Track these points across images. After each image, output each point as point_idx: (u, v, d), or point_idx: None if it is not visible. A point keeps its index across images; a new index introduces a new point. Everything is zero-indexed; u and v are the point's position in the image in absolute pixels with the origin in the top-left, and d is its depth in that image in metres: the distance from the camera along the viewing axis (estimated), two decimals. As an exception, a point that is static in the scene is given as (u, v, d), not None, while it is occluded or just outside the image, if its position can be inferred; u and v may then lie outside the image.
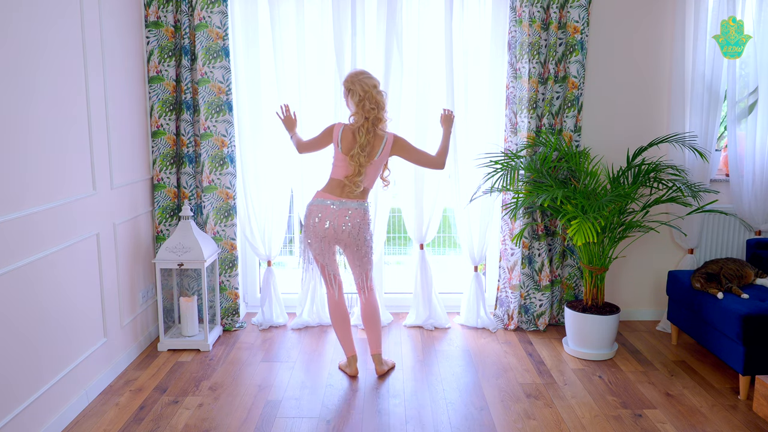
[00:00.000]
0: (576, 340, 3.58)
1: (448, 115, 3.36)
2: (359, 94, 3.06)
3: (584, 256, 3.58)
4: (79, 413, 2.89)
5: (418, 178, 3.90)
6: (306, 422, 2.84)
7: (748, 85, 3.88)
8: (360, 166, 3.08)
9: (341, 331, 3.31)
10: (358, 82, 3.08)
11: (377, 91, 3.09)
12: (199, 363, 3.47)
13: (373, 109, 3.07)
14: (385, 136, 3.13)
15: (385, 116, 3.14)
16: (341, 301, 3.30)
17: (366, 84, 3.07)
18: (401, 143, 3.19)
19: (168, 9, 3.63)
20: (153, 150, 3.76)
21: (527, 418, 2.88)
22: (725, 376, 3.35)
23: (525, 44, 3.68)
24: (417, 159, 3.24)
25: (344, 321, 3.31)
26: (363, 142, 3.07)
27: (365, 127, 3.08)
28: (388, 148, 3.14)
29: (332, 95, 3.81)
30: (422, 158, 3.24)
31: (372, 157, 3.11)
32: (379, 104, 3.08)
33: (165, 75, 3.68)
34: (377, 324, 3.32)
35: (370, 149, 3.11)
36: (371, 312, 3.30)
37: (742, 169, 3.92)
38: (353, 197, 3.11)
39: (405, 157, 3.23)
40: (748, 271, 3.45)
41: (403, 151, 3.20)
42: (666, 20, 3.87)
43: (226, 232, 3.86)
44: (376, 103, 3.07)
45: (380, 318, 3.35)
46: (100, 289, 3.15)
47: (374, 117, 3.09)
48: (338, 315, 3.30)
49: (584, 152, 3.72)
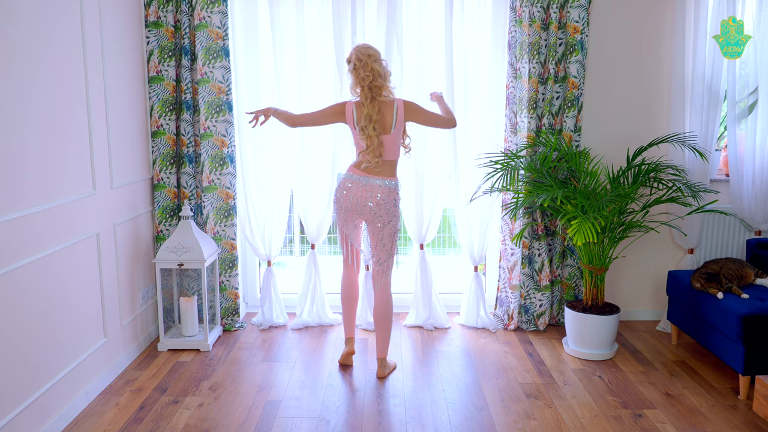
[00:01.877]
0: (576, 340, 3.58)
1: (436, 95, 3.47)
2: (354, 63, 3.08)
3: (584, 256, 3.58)
4: (79, 413, 2.89)
5: (418, 178, 3.90)
6: (306, 422, 2.84)
7: (748, 85, 3.88)
8: (370, 139, 3.07)
9: (346, 310, 3.45)
10: (354, 52, 3.10)
11: (374, 59, 3.08)
12: (199, 363, 3.47)
13: (368, 76, 3.05)
14: (395, 104, 3.12)
15: (386, 84, 3.12)
16: (355, 280, 3.40)
17: (361, 53, 3.08)
18: (412, 107, 3.17)
19: (168, 9, 3.63)
20: (153, 150, 3.76)
21: (527, 418, 2.88)
22: (725, 376, 3.35)
23: (525, 44, 3.68)
24: (430, 121, 3.23)
25: (352, 301, 3.43)
26: (368, 113, 3.05)
27: (363, 95, 3.08)
28: (401, 115, 3.12)
29: (332, 95, 3.81)
30: (436, 119, 3.23)
31: (387, 129, 3.10)
32: (375, 71, 3.05)
33: (165, 75, 3.68)
34: (388, 325, 3.29)
35: (381, 120, 3.09)
36: (384, 310, 3.27)
37: (742, 169, 3.92)
38: (377, 174, 3.12)
39: (418, 120, 3.20)
40: (748, 271, 3.45)
41: (415, 115, 3.18)
42: (666, 20, 3.87)
43: (226, 232, 3.86)
44: (372, 70, 3.05)
45: (392, 319, 3.32)
46: (100, 289, 3.15)
47: (371, 84, 3.06)
48: (349, 294, 3.42)
49: (584, 152, 3.72)
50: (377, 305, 3.28)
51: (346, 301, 3.45)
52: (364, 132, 3.07)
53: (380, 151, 3.11)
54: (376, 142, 3.08)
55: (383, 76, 3.09)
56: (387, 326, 3.29)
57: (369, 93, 3.08)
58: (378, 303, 3.27)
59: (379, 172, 3.13)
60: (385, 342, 3.31)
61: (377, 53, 3.12)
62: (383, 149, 3.12)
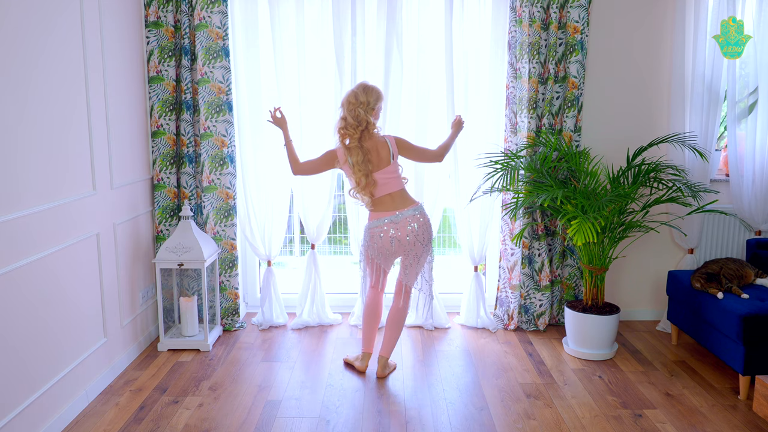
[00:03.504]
0: (576, 340, 3.58)
1: (459, 121, 3.45)
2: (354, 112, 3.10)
3: (584, 256, 3.58)
4: (79, 413, 2.89)
5: (418, 178, 3.90)
6: (306, 422, 2.84)
7: (748, 85, 3.88)
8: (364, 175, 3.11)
9: (369, 326, 3.40)
10: (344, 103, 3.13)
11: (350, 107, 3.10)
12: (199, 363, 3.47)
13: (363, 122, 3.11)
14: (387, 141, 3.18)
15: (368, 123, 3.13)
16: (379, 301, 3.39)
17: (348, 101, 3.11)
18: (403, 143, 3.26)
19: (168, 9, 3.63)
20: (153, 150, 3.76)
21: (527, 418, 2.88)
22: (725, 376, 3.35)
23: (525, 44, 3.68)
24: (419, 156, 3.33)
25: (376, 319, 3.40)
26: (357, 159, 3.10)
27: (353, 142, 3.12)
28: (395, 149, 3.21)
29: (332, 95, 3.81)
30: (424, 154, 3.33)
31: (386, 162, 3.16)
32: (347, 120, 3.10)
33: (165, 75, 3.68)
34: (399, 328, 3.35)
35: (376, 157, 3.14)
36: (399, 317, 3.33)
37: (742, 169, 3.91)
38: (402, 206, 3.16)
39: (407, 155, 3.29)
40: (748, 271, 3.45)
41: (405, 150, 3.27)
42: (666, 20, 3.87)
43: (226, 232, 3.86)
44: (344, 119, 3.12)
45: (403, 327, 3.43)
46: (100, 289, 3.15)
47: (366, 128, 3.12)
48: (372, 311, 3.38)
49: (584, 152, 3.72)
50: (396, 309, 3.32)
51: (370, 317, 3.39)
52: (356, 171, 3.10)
53: (372, 191, 3.14)
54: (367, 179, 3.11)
55: (363, 119, 3.10)
56: (398, 329, 3.34)
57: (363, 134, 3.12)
58: (396, 312, 3.32)
59: (401, 204, 3.16)
60: (392, 343, 3.34)
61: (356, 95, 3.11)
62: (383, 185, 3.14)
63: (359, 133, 3.11)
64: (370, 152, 3.14)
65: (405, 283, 3.29)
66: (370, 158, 3.13)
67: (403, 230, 3.14)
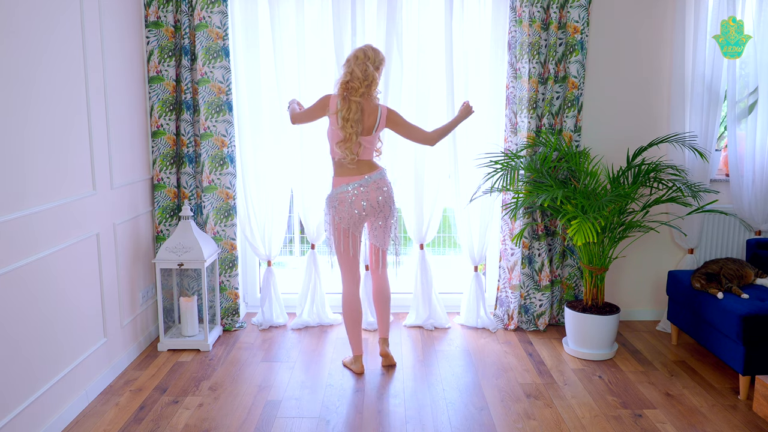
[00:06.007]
0: (576, 340, 3.58)
1: (468, 106, 3.36)
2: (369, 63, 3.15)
3: (584, 256, 3.58)
4: (79, 413, 2.89)
5: (418, 178, 3.90)
6: (306, 422, 2.84)
7: (748, 85, 3.88)
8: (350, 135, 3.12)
9: (353, 329, 3.35)
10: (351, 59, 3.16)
11: (358, 62, 3.13)
12: (199, 363, 3.47)
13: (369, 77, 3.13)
14: (379, 110, 3.19)
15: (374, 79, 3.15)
16: (357, 298, 3.34)
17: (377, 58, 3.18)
18: (394, 117, 3.25)
19: (168, 9, 3.63)
20: (153, 150, 3.76)
21: (527, 418, 2.88)
22: (725, 376, 3.35)
23: (525, 44, 3.68)
24: (408, 133, 3.29)
25: (357, 319, 3.35)
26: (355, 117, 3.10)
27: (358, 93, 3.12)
28: (383, 121, 3.20)
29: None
30: (414, 133, 3.29)
31: (369, 131, 3.17)
32: (353, 74, 3.11)
33: (165, 75, 3.68)
34: (387, 303, 3.40)
35: (364, 121, 3.14)
36: (383, 290, 3.38)
37: (742, 169, 3.91)
38: (368, 171, 3.19)
39: (396, 130, 3.29)
40: (748, 271, 3.45)
41: (394, 124, 3.26)
42: (666, 20, 3.87)
43: (226, 232, 3.86)
44: (350, 72, 3.13)
45: (390, 298, 3.44)
46: (100, 289, 3.15)
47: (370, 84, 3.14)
48: (352, 312, 3.32)
49: (584, 152, 3.72)
50: (379, 287, 3.37)
51: (351, 318, 3.31)
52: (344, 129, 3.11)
53: (358, 150, 3.15)
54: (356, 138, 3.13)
55: (358, 77, 3.12)
56: (387, 303, 3.41)
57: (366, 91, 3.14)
58: (379, 284, 3.38)
59: (368, 169, 3.20)
60: (387, 321, 3.40)
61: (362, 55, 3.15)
62: (360, 148, 3.17)
63: (364, 88, 3.12)
64: (364, 113, 3.15)
65: (379, 247, 3.31)
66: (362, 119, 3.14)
67: (373, 193, 3.18)
